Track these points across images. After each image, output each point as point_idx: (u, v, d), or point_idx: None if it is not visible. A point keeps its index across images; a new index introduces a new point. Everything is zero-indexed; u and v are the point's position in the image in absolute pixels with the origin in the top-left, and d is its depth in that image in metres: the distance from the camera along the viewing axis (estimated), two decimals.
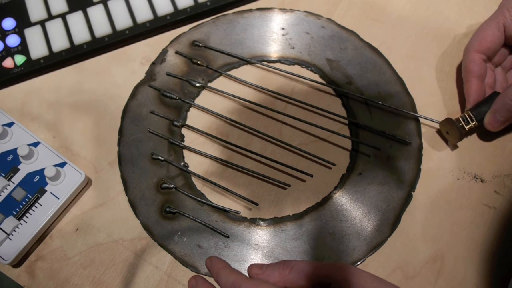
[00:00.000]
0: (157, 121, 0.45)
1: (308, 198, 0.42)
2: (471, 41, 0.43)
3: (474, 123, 0.41)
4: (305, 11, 0.49)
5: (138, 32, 0.48)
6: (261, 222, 0.41)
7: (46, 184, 0.41)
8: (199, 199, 0.41)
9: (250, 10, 0.50)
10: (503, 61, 0.44)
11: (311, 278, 0.32)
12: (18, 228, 0.39)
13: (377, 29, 0.49)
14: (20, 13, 0.48)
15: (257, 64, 0.47)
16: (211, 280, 0.36)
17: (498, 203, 0.41)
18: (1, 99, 0.46)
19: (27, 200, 0.40)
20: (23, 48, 0.47)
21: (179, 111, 0.45)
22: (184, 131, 0.45)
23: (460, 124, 0.41)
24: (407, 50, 0.48)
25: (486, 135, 0.43)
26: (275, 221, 0.41)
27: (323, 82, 0.46)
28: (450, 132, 0.42)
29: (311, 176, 0.42)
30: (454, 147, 0.43)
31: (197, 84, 0.46)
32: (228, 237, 0.40)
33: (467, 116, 0.41)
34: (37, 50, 0.47)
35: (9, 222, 0.39)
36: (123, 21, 0.48)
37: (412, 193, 0.41)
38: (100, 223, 0.41)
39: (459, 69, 0.47)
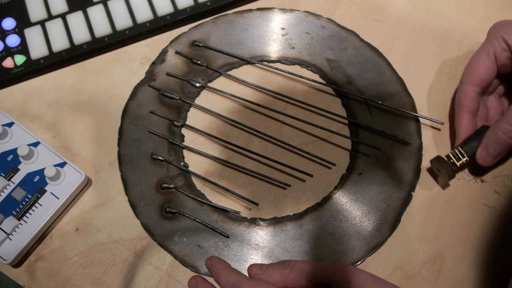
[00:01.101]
0: (157, 121, 0.45)
1: (308, 198, 0.42)
2: (464, 74, 0.42)
3: (465, 158, 0.40)
4: (305, 11, 0.49)
5: (138, 32, 0.48)
6: (261, 222, 0.41)
7: (46, 184, 0.41)
8: (199, 199, 0.41)
9: (250, 10, 0.50)
10: (495, 89, 0.43)
11: (311, 278, 0.32)
12: (18, 228, 0.39)
13: (377, 29, 0.49)
14: (20, 13, 0.48)
15: (257, 64, 0.47)
16: (211, 280, 0.36)
17: (498, 203, 0.41)
18: (1, 99, 0.46)
19: (27, 200, 0.40)
20: (23, 48, 0.47)
21: (179, 111, 0.45)
22: (184, 131, 0.45)
23: (452, 161, 0.40)
24: (407, 50, 0.48)
25: (478, 166, 0.41)
26: (275, 221, 0.41)
27: (323, 82, 0.46)
28: (441, 169, 0.40)
29: (311, 176, 0.42)
30: (446, 185, 0.42)
31: (197, 84, 0.46)
32: (228, 237, 0.40)
33: (457, 152, 0.40)
34: (37, 50, 0.47)
35: (9, 222, 0.39)
36: (123, 21, 0.48)
37: (412, 193, 0.41)
38: (100, 223, 0.41)
39: (458, 69, 0.46)
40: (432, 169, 0.42)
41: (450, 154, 0.40)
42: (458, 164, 0.40)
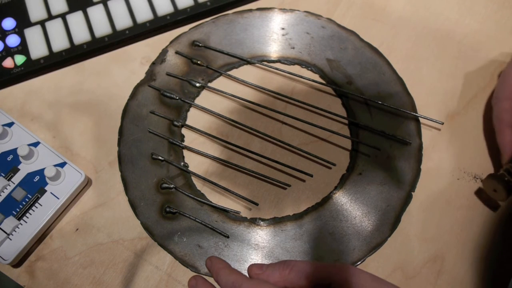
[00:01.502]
0: (157, 121, 0.45)
1: (308, 198, 0.42)
2: (499, 89, 0.41)
3: None
4: (305, 11, 0.49)
5: (138, 32, 0.48)
6: (261, 222, 0.41)
7: (46, 184, 0.41)
8: (199, 199, 0.41)
9: (250, 10, 0.50)
10: None
11: (311, 278, 0.32)
12: (18, 228, 0.39)
13: (377, 29, 0.49)
14: (20, 13, 0.48)
15: (257, 64, 0.47)
16: (211, 280, 0.36)
17: (498, 203, 0.41)
18: (1, 99, 0.46)
19: (27, 200, 0.40)
20: (23, 48, 0.47)
21: (179, 111, 0.45)
22: (184, 131, 0.45)
23: (506, 179, 0.38)
24: (407, 50, 0.48)
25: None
26: (275, 221, 0.41)
27: (323, 82, 0.46)
28: (498, 189, 0.39)
29: (311, 176, 0.42)
30: (504, 202, 0.40)
31: (197, 84, 0.46)
32: (228, 237, 0.40)
33: (510, 169, 0.38)
34: (37, 50, 0.47)
35: (9, 222, 0.39)
36: (123, 21, 0.48)
37: (412, 193, 0.41)
38: (100, 223, 0.41)
39: (458, 69, 0.46)
40: (483, 190, 0.41)
41: (504, 172, 0.39)
42: None
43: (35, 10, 0.48)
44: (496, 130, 0.41)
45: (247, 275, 0.34)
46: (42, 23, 0.48)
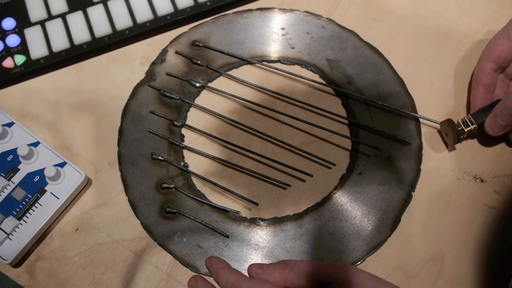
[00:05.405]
0: (157, 121, 0.45)
1: (308, 198, 0.42)
2: (484, 51, 0.43)
3: (474, 126, 0.41)
4: (305, 11, 0.49)
5: (138, 32, 0.48)
6: (261, 222, 0.41)
7: (46, 184, 0.41)
8: (199, 199, 0.41)
9: (250, 10, 0.50)
10: None
11: (311, 278, 0.32)
12: (18, 228, 0.39)
13: (377, 29, 0.49)
14: (20, 13, 0.48)
15: (257, 64, 0.47)
16: (211, 280, 0.36)
17: (498, 203, 0.41)
18: (1, 99, 0.46)
19: (27, 200, 0.40)
20: (23, 48, 0.47)
21: (179, 111, 0.45)
22: (184, 131, 0.45)
23: (460, 128, 0.41)
24: (407, 50, 0.48)
25: (486, 136, 0.42)
26: (275, 221, 0.41)
27: (323, 82, 0.46)
28: (449, 133, 0.42)
29: (311, 176, 0.42)
30: (451, 148, 0.43)
31: (197, 84, 0.46)
32: (228, 237, 0.40)
33: (467, 120, 0.41)
34: (37, 50, 0.47)
35: (9, 222, 0.39)
36: (123, 21, 0.48)
37: (412, 193, 0.41)
38: (100, 223, 0.41)
39: (458, 69, 0.47)
40: (441, 131, 0.44)
41: (460, 121, 0.42)
42: (465, 130, 0.41)
43: (35, 10, 0.48)
44: (472, 87, 0.43)
45: (247, 275, 0.34)
46: (42, 23, 0.48)
